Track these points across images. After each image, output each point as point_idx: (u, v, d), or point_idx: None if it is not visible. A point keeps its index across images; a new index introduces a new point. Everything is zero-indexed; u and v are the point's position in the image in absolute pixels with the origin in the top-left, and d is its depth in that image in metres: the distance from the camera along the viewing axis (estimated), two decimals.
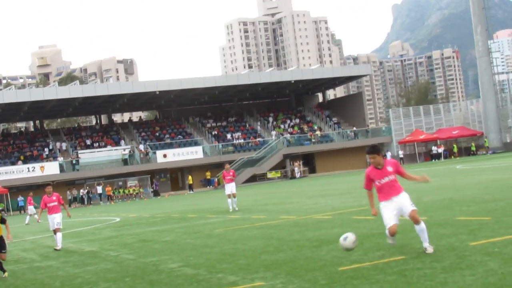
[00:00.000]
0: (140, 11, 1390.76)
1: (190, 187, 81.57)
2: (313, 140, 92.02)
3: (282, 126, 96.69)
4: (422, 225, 12.06)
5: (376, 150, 12.54)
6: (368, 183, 12.66)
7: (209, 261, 14.76)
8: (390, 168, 12.41)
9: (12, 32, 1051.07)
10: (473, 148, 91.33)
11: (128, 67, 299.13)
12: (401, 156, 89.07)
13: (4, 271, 16.37)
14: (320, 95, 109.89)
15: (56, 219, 22.63)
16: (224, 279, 12.16)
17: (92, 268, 16.15)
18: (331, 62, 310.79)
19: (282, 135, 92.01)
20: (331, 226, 19.39)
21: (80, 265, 17.10)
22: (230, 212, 32.17)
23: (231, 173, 34.01)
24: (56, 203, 22.82)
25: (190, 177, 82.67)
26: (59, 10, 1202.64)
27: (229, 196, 33.28)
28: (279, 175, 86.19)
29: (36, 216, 43.63)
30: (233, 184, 33.41)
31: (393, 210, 12.24)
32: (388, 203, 12.30)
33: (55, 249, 22.23)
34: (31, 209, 48.69)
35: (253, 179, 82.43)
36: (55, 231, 22.75)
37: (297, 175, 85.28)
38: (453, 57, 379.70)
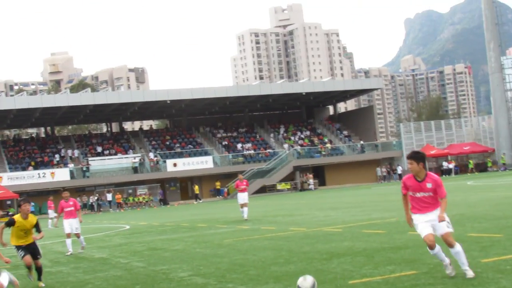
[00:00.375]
0: (152, 21, 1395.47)
1: (197, 197, 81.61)
2: (323, 153, 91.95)
3: (292, 138, 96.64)
4: (458, 247, 11.02)
5: (416, 156, 11.32)
6: (403, 190, 11.60)
7: (219, 271, 14.78)
8: (429, 185, 11.21)
9: (24, 38, 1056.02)
10: (490, 164, 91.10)
11: (139, 75, 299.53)
12: None
13: (40, 279, 15.42)
14: (331, 107, 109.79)
15: (73, 224, 23.36)
16: None
17: (102, 275, 16.20)
18: (342, 75, 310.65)
19: (292, 147, 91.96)
20: (341, 239, 19.38)
21: (90, 272, 17.15)
22: (242, 220, 32.65)
23: (244, 183, 34.60)
24: (72, 208, 23.46)
25: (196, 187, 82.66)
26: (71, 17, 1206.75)
27: (242, 205, 33.73)
28: (288, 186, 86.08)
29: (55, 219, 44.05)
30: (246, 194, 33.93)
31: (427, 222, 11.18)
32: (421, 216, 11.29)
33: (80, 252, 22.93)
34: (51, 212, 48.89)
35: (262, 190, 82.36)
36: (68, 235, 23.26)
37: (311, 187, 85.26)
38: (465, 73, 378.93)
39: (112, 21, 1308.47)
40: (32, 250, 15.31)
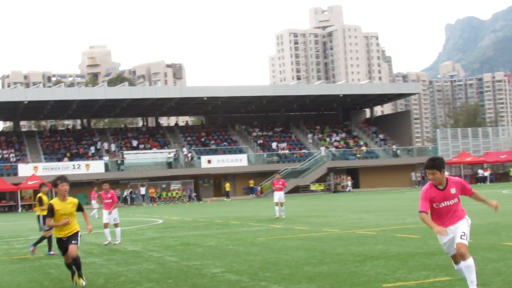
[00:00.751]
0: (191, 17, 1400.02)
1: (227, 194, 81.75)
2: (358, 155, 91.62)
3: (328, 139, 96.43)
4: (469, 261, 10.00)
5: (437, 164, 10.16)
6: (424, 203, 10.26)
7: (252, 269, 14.78)
8: (453, 190, 10.26)
9: (63, 30, 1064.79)
10: None
11: (177, 71, 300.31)
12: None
13: (80, 276, 13.55)
14: (367, 110, 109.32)
15: (113, 215, 24.18)
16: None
17: (135, 268, 16.27)
18: (380, 78, 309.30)
19: (328, 148, 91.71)
20: (375, 242, 19.29)
21: (123, 264, 17.24)
22: (276, 218, 32.93)
23: (281, 182, 34.82)
24: (111, 200, 24.31)
25: (227, 184, 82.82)
26: (111, 11, 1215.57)
27: (276, 204, 33.97)
28: (322, 187, 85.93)
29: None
30: (282, 193, 34.12)
31: (448, 236, 10.39)
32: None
33: (114, 244, 23.26)
34: (94, 203, 49.40)
35: (296, 190, 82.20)
36: (106, 225, 23.97)
37: (349, 189, 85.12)
38: (505, 81, 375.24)
39: (151, 17, 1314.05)
40: (72, 238, 13.21)
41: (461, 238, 10.16)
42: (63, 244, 13.22)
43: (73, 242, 13.10)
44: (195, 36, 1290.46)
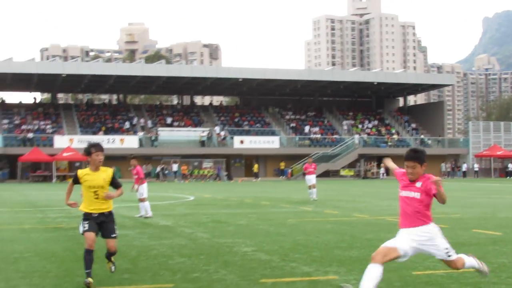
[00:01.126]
0: None
1: (256, 175, 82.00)
2: (389, 143, 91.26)
3: (360, 126, 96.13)
4: (468, 261, 9.26)
5: (419, 157, 8.70)
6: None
7: (282, 249, 14.76)
8: (419, 184, 8.69)
9: (102, 6, 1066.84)
10: None
11: (213, 51, 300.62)
12: (476, 169, 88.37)
13: (111, 262, 11.28)
14: (401, 99, 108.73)
15: (139, 190, 24.30)
16: (297, 269, 12.15)
17: (167, 242, 16.33)
18: (414, 68, 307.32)
19: (359, 135, 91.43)
20: None
21: (155, 238, 17.31)
22: (305, 201, 33.02)
23: (313, 166, 35.43)
24: (137, 176, 24.49)
25: (256, 165, 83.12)
26: None
27: (309, 187, 34.53)
28: (352, 173, 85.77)
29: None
30: (313, 176, 34.73)
31: (408, 241, 8.70)
32: (404, 232, 8.82)
33: (145, 217, 23.50)
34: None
35: (326, 174, 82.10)
36: (143, 200, 24.18)
37: (383, 175, 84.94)
38: None
39: None
40: (103, 224, 10.87)
41: (445, 254, 8.94)
42: (92, 220, 10.74)
43: (112, 236, 10.86)
44: (232, 18, 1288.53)
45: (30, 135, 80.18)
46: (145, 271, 11.98)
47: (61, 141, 78.85)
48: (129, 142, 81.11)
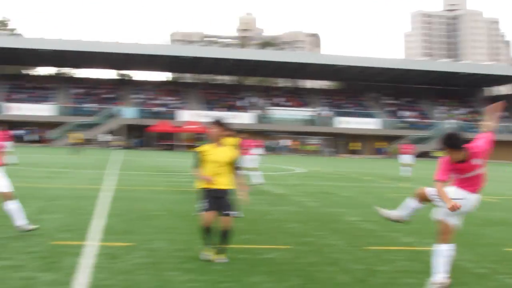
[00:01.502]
0: None
1: (355, 152, 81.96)
2: (478, 130, 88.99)
3: (452, 112, 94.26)
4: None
5: (454, 143, 7.86)
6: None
7: (384, 221, 14.60)
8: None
9: None
10: None
11: (314, 40, 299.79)
12: None
13: (221, 251, 9.33)
14: (492, 89, 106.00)
15: (245, 159, 23.46)
16: (399, 239, 12.10)
17: (281, 208, 16.46)
18: (499, 61, 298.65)
19: (452, 120, 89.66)
20: (497, 208, 18.80)
21: (270, 204, 17.45)
22: (403, 179, 32.53)
23: (408, 147, 35.75)
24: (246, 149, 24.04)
25: (355, 144, 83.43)
26: None
27: (405, 165, 34.42)
28: (441, 154, 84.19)
29: None
30: (409, 156, 34.62)
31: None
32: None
33: (260, 184, 23.50)
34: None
35: (419, 155, 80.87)
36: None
37: None
38: None
39: None
40: (221, 201, 9.22)
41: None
42: (211, 195, 9.20)
43: (230, 213, 9.21)
44: (332, 8, 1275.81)
45: (161, 108, 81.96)
46: (264, 233, 12.12)
47: (184, 115, 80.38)
48: (245, 119, 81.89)
